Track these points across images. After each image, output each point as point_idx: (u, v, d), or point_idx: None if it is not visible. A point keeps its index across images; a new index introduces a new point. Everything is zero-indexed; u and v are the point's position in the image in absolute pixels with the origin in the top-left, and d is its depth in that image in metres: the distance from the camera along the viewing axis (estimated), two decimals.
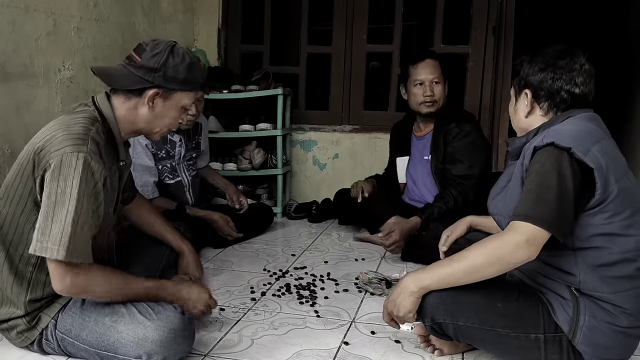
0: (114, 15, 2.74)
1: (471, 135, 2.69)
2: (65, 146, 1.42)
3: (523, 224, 1.34)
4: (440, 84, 2.75)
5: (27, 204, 1.50)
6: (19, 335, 1.58)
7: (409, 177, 2.94)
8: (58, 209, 1.39)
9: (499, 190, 1.61)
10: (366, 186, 2.94)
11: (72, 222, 1.38)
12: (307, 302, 2.09)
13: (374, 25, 3.71)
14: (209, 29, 3.73)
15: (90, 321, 1.52)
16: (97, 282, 1.48)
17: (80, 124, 1.50)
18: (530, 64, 1.54)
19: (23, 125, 2.18)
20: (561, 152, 1.36)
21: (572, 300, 1.42)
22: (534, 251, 1.34)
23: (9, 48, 2.09)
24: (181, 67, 1.59)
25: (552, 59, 1.51)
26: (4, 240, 1.54)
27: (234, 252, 2.72)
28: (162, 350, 1.47)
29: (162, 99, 1.61)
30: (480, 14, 3.50)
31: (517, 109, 1.58)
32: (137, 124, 1.63)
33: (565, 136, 1.38)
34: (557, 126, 1.45)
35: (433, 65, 2.76)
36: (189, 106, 1.68)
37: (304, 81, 3.79)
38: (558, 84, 1.49)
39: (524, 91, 1.55)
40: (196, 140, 2.87)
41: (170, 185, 2.70)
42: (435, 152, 2.74)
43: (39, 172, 1.45)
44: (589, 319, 1.40)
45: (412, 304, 1.48)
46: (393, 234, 2.55)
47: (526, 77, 1.54)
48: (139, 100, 1.59)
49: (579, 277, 1.40)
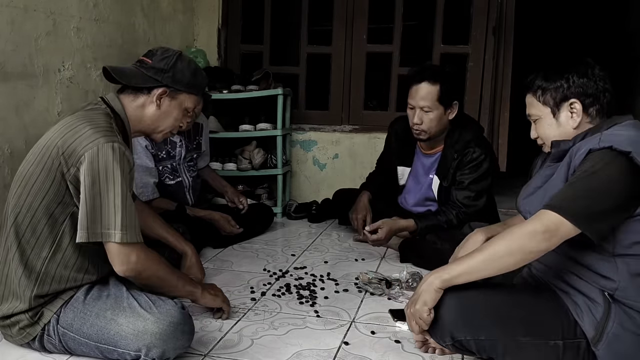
0: (114, 15, 2.74)
1: (484, 164, 2.55)
2: (98, 138, 1.50)
3: (549, 213, 1.34)
4: (432, 112, 2.51)
5: (46, 196, 1.53)
6: (20, 332, 1.59)
7: (408, 187, 2.86)
8: (105, 196, 1.47)
9: (532, 190, 1.59)
10: (366, 215, 2.78)
11: (121, 205, 1.49)
12: (307, 302, 2.09)
13: (374, 25, 3.72)
14: (209, 29, 3.73)
15: (91, 315, 1.54)
16: (155, 260, 1.60)
17: (101, 119, 1.58)
18: (562, 76, 1.50)
19: (23, 125, 2.18)
20: (618, 156, 1.34)
21: (603, 305, 1.39)
22: (554, 242, 1.34)
23: (9, 48, 2.09)
24: (187, 71, 1.74)
25: (582, 66, 1.50)
26: (18, 232, 1.56)
27: (233, 252, 2.72)
28: (161, 343, 1.49)
29: (169, 98, 1.73)
30: (480, 14, 3.50)
31: (561, 123, 1.53)
32: (143, 122, 1.73)
33: (623, 141, 1.35)
34: (612, 131, 1.42)
35: (428, 90, 2.50)
36: (191, 110, 1.80)
37: (304, 81, 3.79)
38: (600, 85, 1.48)
39: (568, 102, 1.50)
40: (197, 141, 2.87)
41: (170, 185, 2.69)
42: (445, 176, 2.61)
43: (71, 167, 1.50)
44: (617, 327, 1.38)
45: (430, 296, 1.45)
46: (380, 232, 2.57)
47: (567, 89, 1.50)
48: (147, 99, 1.71)
49: (617, 283, 1.38)
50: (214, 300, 1.86)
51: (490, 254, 1.39)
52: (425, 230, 2.57)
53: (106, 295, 1.59)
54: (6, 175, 2.11)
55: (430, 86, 2.51)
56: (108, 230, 1.48)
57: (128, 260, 1.52)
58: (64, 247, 1.56)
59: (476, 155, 2.55)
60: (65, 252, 1.57)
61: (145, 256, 1.56)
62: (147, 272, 1.58)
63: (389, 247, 2.76)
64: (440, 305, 1.46)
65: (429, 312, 1.46)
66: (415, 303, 1.47)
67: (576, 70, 1.50)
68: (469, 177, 2.56)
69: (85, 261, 1.60)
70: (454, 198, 2.59)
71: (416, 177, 2.81)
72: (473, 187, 2.56)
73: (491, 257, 1.38)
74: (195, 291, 1.79)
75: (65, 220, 1.55)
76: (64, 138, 1.52)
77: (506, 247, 1.37)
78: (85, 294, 1.59)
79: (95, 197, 1.47)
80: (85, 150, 1.48)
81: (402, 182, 2.88)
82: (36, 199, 1.54)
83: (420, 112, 2.54)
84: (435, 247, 2.44)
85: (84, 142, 1.49)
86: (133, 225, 1.52)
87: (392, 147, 2.90)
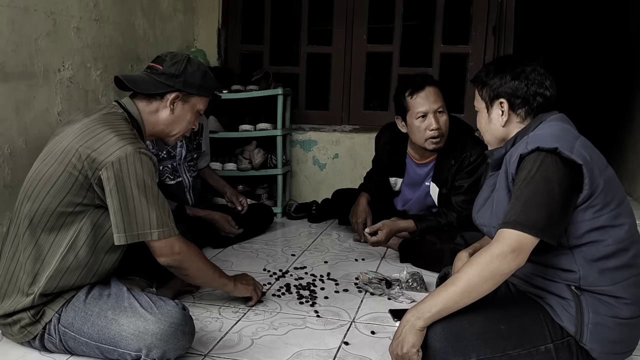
0: (114, 15, 2.74)
1: (480, 168, 2.52)
2: (125, 145, 1.55)
3: (510, 232, 1.35)
4: (444, 113, 2.52)
5: (66, 196, 1.56)
6: (21, 330, 1.60)
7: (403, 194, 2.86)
8: (137, 200, 1.54)
9: (482, 202, 1.62)
10: (365, 219, 2.78)
11: (154, 205, 1.57)
12: (307, 302, 2.09)
13: (374, 25, 3.71)
14: (209, 29, 3.73)
15: (92, 315, 1.55)
16: (194, 252, 1.70)
17: (123, 125, 1.64)
18: (498, 75, 1.56)
19: (23, 125, 2.18)
20: (547, 155, 1.37)
21: (573, 300, 1.42)
22: (523, 258, 1.35)
23: (9, 48, 2.09)
24: (198, 74, 1.80)
25: (519, 67, 1.55)
26: (35, 230, 1.58)
27: (233, 252, 2.72)
28: (161, 344, 1.49)
29: (182, 102, 1.78)
30: (480, 14, 3.50)
31: (492, 119, 1.60)
32: (157, 127, 1.78)
33: (547, 138, 1.40)
34: (535, 132, 1.48)
35: (435, 93, 2.50)
36: (202, 111, 1.86)
37: (304, 81, 3.79)
38: (532, 89, 1.53)
39: (498, 101, 1.57)
40: (197, 141, 2.87)
41: (170, 185, 2.69)
42: (444, 183, 2.60)
43: (95, 170, 1.54)
44: (593, 316, 1.40)
45: (415, 337, 1.41)
46: (380, 233, 2.55)
47: (498, 88, 1.56)
48: (160, 104, 1.76)
49: (579, 273, 1.41)
50: (247, 290, 1.98)
51: (465, 285, 1.38)
52: (426, 231, 2.57)
53: (107, 295, 1.60)
54: (6, 176, 2.11)
55: (435, 88, 2.52)
56: (145, 230, 1.56)
57: (172, 252, 1.62)
58: (78, 246, 1.58)
59: (473, 159, 2.55)
60: (79, 252, 1.58)
61: (186, 248, 1.66)
62: (187, 262, 1.68)
63: (389, 247, 2.76)
64: (426, 336, 1.43)
65: (417, 353, 1.42)
66: (401, 346, 1.43)
67: (511, 71, 1.55)
68: (467, 181, 2.57)
69: (97, 262, 1.63)
70: (453, 202, 2.59)
71: (411, 186, 2.80)
72: (469, 192, 2.54)
73: (467, 288, 1.38)
74: (229, 283, 1.91)
75: (84, 220, 1.58)
76: (87, 144, 1.56)
77: (479, 275, 1.37)
78: (86, 293, 1.60)
79: (128, 202, 1.54)
80: (113, 158, 1.53)
81: (397, 189, 2.90)
82: (55, 198, 1.56)
83: (435, 116, 2.50)
84: (435, 248, 2.44)
85: (111, 149, 1.54)
86: (168, 220, 1.60)
87: (382, 159, 2.89)
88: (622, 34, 4.46)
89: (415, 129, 2.54)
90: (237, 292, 1.96)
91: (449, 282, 1.42)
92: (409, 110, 2.54)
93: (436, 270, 2.24)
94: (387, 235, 2.58)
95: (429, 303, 1.43)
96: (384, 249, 2.77)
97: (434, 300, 1.43)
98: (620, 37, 4.52)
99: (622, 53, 4.40)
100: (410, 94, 2.53)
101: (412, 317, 1.44)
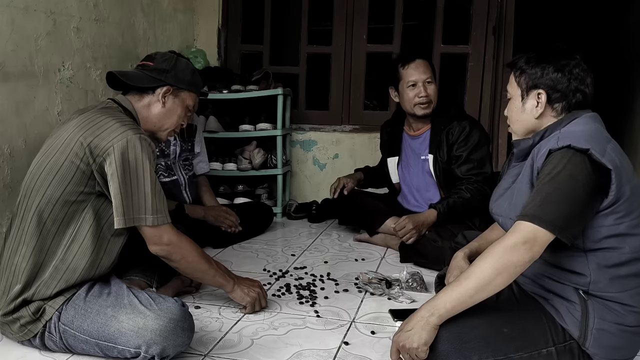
0: (114, 15, 2.73)
1: (474, 133, 2.64)
2: (126, 130, 1.60)
3: (525, 224, 1.33)
4: (433, 84, 2.70)
5: (68, 185, 1.59)
6: (22, 329, 1.60)
7: (404, 183, 2.89)
8: (136, 184, 1.58)
9: (502, 192, 1.59)
10: (348, 182, 2.97)
11: (151, 191, 1.60)
12: (307, 302, 2.09)
13: (374, 25, 3.71)
14: (209, 29, 3.73)
15: (92, 312, 1.56)
16: (186, 245, 1.71)
17: (121, 114, 1.70)
18: (540, 65, 1.50)
19: (23, 125, 2.18)
20: (577, 155, 1.34)
21: (579, 304, 1.40)
22: (537, 251, 1.33)
23: (9, 48, 2.09)
24: (187, 71, 1.89)
25: (564, 59, 1.48)
26: (40, 221, 1.59)
27: (233, 252, 2.72)
28: (161, 340, 1.50)
29: (173, 96, 1.84)
30: (480, 14, 3.50)
31: (525, 109, 1.52)
32: (150, 121, 1.83)
33: (580, 137, 1.36)
34: (569, 128, 1.43)
35: (424, 64, 2.70)
36: (191, 107, 1.92)
37: (304, 81, 3.78)
38: (574, 85, 1.47)
39: (536, 91, 1.50)
40: (191, 142, 2.86)
41: (165, 183, 2.67)
42: (438, 151, 2.68)
43: (97, 157, 1.57)
44: (599, 321, 1.39)
45: (429, 334, 1.38)
46: (407, 224, 2.55)
47: (538, 78, 1.49)
48: (152, 98, 1.82)
49: (589, 277, 1.39)
50: (242, 298, 1.93)
51: (480, 278, 1.35)
52: (448, 212, 2.58)
53: (107, 293, 1.60)
54: (6, 176, 2.11)
55: (424, 61, 2.72)
56: (140, 215, 1.59)
57: (160, 241, 1.64)
58: (82, 234, 1.60)
59: (463, 126, 2.66)
60: (83, 241, 1.60)
61: (176, 240, 1.67)
62: (176, 255, 1.69)
63: (389, 247, 2.76)
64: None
65: (427, 351, 1.40)
66: (411, 340, 1.39)
67: (555, 62, 1.49)
68: (465, 149, 2.64)
69: (101, 251, 1.64)
70: (459, 174, 2.63)
71: (409, 165, 2.85)
72: (472, 157, 2.63)
73: (481, 281, 1.35)
74: (226, 285, 1.89)
75: (86, 209, 1.61)
76: (88, 132, 1.60)
77: (492, 267, 1.34)
78: (86, 291, 1.61)
79: (127, 186, 1.57)
80: (114, 142, 1.57)
81: (395, 180, 2.92)
82: (58, 189, 1.59)
83: (424, 85, 2.67)
84: (436, 246, 2.44)
85: (112, 135, 1.58)
86: (162, 207, 1.63)
87: (383, 141, 3.05)
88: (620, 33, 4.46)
89: (406, 97, 2.71)
90: (233, 296, 1.92)
91: (463, 277, 1.39)
92: (401, 80, 2.71)
93: (437, 268, 2.24)
94: (414, 224, 2.55)
95: (443, 299, 1.40)
96: (384, 249, 2.77)
97: (448, 295, 1.39)
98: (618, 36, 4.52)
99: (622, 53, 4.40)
100: (402, 64, 2.72)
101: (426, 313, 1.40)
